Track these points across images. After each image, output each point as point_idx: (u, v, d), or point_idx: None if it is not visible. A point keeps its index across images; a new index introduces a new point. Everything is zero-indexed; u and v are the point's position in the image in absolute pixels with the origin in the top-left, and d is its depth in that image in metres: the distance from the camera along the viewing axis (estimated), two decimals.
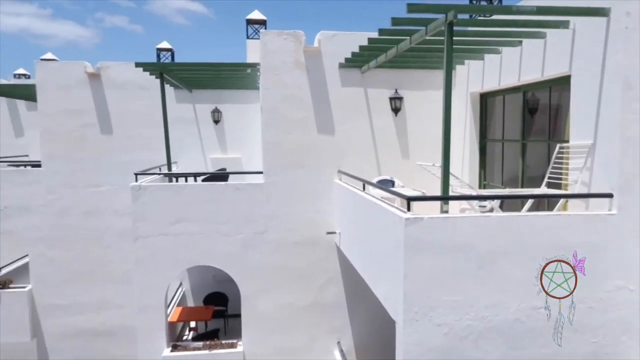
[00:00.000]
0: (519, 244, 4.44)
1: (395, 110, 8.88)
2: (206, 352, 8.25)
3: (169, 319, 8.91)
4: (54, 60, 15.01)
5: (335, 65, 8.63)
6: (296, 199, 8.58)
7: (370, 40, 7.04)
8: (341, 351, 8.70)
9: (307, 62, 8.58)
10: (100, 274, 11.51)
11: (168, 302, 9.17)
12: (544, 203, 6.38)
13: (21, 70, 19.19)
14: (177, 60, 15.73)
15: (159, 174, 9.47)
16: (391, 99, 8.83)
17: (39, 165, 11.60)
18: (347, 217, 7.54)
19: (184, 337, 10.21)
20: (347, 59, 8.25)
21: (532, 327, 4.50)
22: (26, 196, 11.42)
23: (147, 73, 9.66)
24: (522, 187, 7.18)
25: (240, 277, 8.50)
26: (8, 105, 15.99)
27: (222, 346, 8.45)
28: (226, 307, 11.23)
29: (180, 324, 10.37)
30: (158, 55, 15.84)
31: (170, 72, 9.79)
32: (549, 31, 5.96)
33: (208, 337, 9.38)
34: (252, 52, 13.51)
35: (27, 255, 12.17)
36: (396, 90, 8.85)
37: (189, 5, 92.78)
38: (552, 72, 6.03)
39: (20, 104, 15.94)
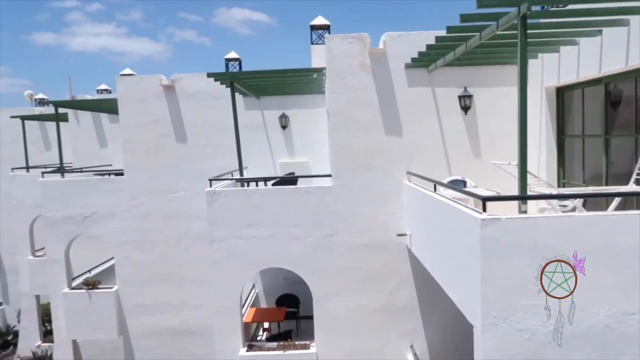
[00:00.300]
0: (607, 246, 4.18)
1: (465, 109, 8.65)
2: (280, 352, 8.44)
3: (243, 320, 9.18)
4: (132, 75, 15.97)
5: (402, 66, 8.56)
6: (365, 201, 8.59)
7: (437, 38, 6.93)
8: (415, 355, 8.58)
9: (372, 64, 8.59)
10: (178, 276, 12.06)
11: (242, 303, 9.45)
12: (632, 201, 5.97)
13: (103, 86, 20.60)
14: (244, 69, 16.28)
15: (231, 179, 9.80)
16: (460, 97, 8.62)
17: (122, 174, 12.34)
18: (418, 219, 7.45)
19: (258, 338, 10.49)
20: (413, 59, 8.16)
21: (624, 334, 4.22)
22: (111, 203, 12.16)
23: (218, 83, 10.05)
24: (606, 184, 6.75)
25: (312, 279, 8.62)
26: (93, 118, 17.18)
27: (296, 347, 8.61)
28: (298, 308, 11.42)
29: (254, 325, 10.66)
30: (227, 65, 16.45)
31: (240, 81, 10.13)
32: (632, 18, 5.58)
33: (282, 337, 9.58)
34: (317, 57, 13.68)
35: (112, 257, 12.99)
36: (465, 88, 8.63)
37: (253, 15, 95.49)
38: (638, 62, 5.63)
39: (104, 117, 17.06)
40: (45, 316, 16.97)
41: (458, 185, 7.36)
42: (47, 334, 16.94)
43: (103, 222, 12.17)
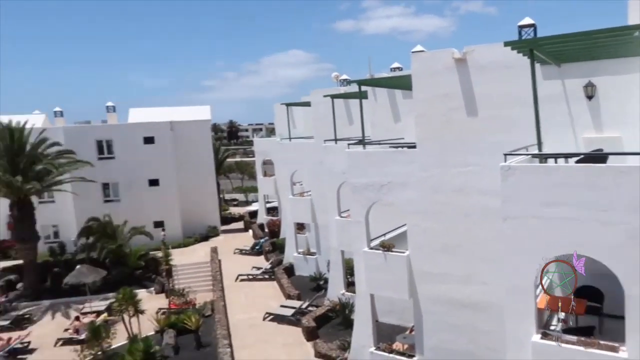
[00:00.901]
0: None
1: None
2: (581, 348, 7.65)
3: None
4: (422, 51, 16.53)
5: None
6: None
7: None
8: None
9: None
10: (466, 249, 12.15)
11: (536, 286, 8.93)
12: None
13: (395, 64, 22.03)
14: (538, 35, 14.80)
15: (527, 154, 9.27)
16: None
17: (414, 147, 13.06)
18: None
19: (552, 327, 9.76)
20: None
21: None
22: (404, 174, 13.09)
23: (512, 52, 9.49)
24: None
25: (624, 274, 7.47)
26: (388, 95, 18.63)
27: (600, 347, 7.64)
28: (601, 304, 10.08)
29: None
30: (519, 33, 15.19)
31: (540, 48, 9.37)
32: None
33: (582, 332, 8.66)
34: (635, 12, 11.39)
35: (404, 224, 14.02)
36: None
37: None
38: None
39: (397, 93, 18.31)
40: (348, 269, 19.62)
41: None
42: (349, 285, 19.64)
43: (397, 190, 13.25)
